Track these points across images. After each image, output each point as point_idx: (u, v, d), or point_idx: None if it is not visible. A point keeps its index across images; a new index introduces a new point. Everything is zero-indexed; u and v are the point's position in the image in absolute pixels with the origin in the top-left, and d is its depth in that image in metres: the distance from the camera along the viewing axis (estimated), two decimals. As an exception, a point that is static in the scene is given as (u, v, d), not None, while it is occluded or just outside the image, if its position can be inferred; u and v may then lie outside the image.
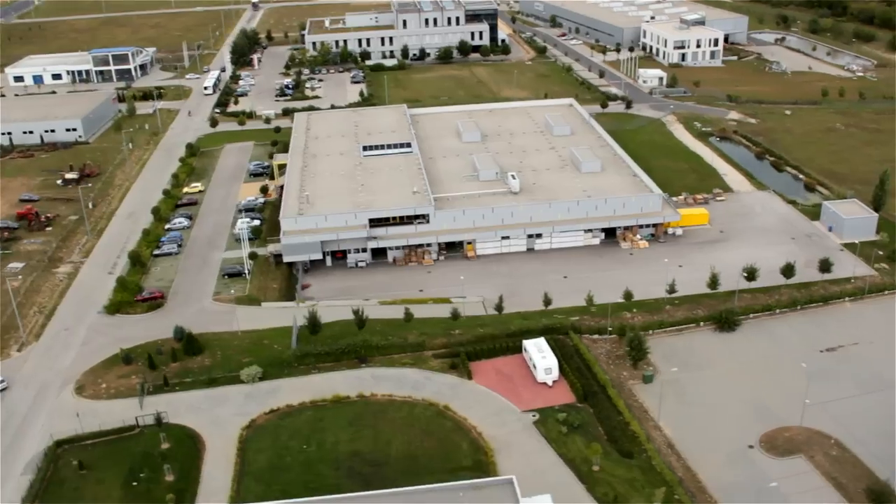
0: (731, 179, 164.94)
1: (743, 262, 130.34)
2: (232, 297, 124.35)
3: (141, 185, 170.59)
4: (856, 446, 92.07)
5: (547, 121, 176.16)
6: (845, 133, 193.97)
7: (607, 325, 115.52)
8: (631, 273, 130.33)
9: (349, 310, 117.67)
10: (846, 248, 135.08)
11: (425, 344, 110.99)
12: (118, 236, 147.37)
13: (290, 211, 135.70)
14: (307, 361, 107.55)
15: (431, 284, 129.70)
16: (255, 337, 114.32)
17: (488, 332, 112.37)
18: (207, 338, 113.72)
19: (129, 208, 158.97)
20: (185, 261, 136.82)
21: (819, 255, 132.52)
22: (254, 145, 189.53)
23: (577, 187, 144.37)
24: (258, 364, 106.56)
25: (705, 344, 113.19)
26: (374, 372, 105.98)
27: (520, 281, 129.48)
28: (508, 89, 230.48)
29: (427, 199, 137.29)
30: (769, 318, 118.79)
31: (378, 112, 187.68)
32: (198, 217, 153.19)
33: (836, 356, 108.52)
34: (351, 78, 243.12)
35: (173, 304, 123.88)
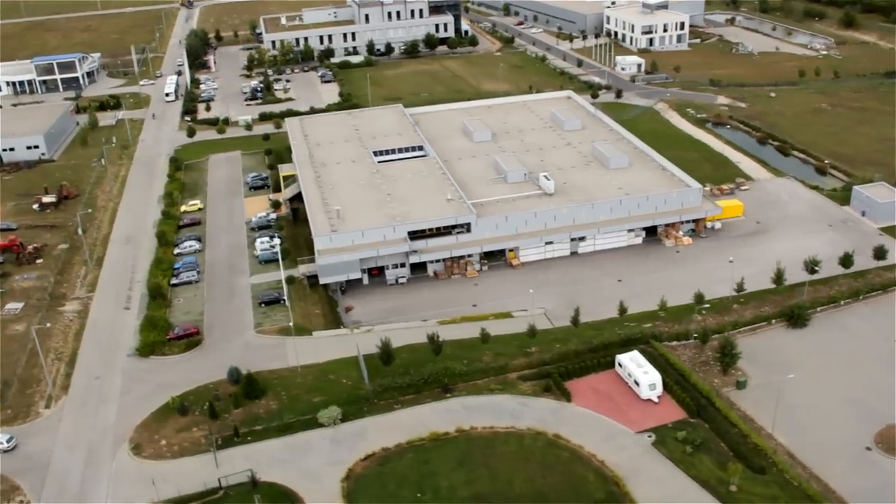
0: (746, 167, 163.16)
1: (789, 253, 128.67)
2: (277, 327, 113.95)
3: (128, 204, 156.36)
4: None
5: (555, 115, 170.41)
6: (834, 113, 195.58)
7: (688, 330, 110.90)
8: (685, 272, 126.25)
9: (412, 333, 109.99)
10: (885, 233, 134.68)
11: (508, 366, 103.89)
12: (122, 265, 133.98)
13: (321, 228, 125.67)
14: (387, 396, 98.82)
15: (483, 298, 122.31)
16: (318, 372, 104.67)
17: (570, 348, 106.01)
18: (264, 377, 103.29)
19: (124, 232, 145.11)
20: (209, 290, 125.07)
21: (859, 241, 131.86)
22: (241, 155, 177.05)
23: (611, 185, 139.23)
24: (332, 402, 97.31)
25: (782, 343, 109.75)
26: (462, 402, 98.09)
27: (574, 288, 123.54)
28: (488, 83, 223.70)
29: (467, 207, 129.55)
30: (835, 311, 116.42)
31: (375, 114, 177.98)
32: (206, 238, 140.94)
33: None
34: (320, 77, 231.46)
35: (212, 340, 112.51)
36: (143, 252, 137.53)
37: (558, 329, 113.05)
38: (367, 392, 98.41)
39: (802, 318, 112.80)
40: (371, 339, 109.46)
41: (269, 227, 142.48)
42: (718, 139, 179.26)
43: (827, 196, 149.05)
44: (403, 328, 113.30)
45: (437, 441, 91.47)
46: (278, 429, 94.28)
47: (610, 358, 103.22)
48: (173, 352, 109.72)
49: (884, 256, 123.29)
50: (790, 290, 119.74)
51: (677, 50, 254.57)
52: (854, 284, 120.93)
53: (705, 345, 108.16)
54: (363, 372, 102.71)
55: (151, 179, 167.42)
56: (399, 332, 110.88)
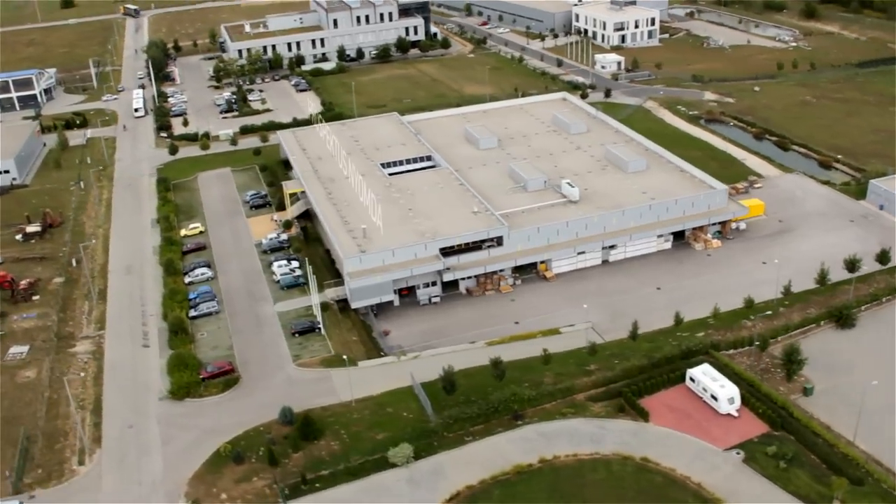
0: (752, 164, 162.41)
1: (818, 251, 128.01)
2: (318, 359, 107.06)
3: (119, 230, 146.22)
4: None
5: (558, 118, 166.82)
6: (820, 105, 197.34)
7: (742, 338, 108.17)
8: (722, 277, 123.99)
9: (462, 357, 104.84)
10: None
11: (574, 387, 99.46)
12: (128, 298, 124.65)
13: (349, 249, 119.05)
14: (456, 428, 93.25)
15: (523, 314, 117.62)
16: (374, 405, 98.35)
17: (633, 364, 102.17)
18: (317, 414, 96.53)
19: (122, 261, 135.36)
20: (232, 321, 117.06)
21: (884, 236, 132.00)
22: (232, 172, 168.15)
23: (633, 189, 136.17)
24: (398, 439, 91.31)
25: (835, 344, 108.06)
26: (536, 429, 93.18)
27: (614, 299, 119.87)
28: (469, 86, 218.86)
29: (496, 220, 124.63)
30: (878, 309, 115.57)
31: (370, 124, 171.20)
32: (216, 264, 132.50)
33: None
34: (294, 86, 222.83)
35: (249, 377, 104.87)
36: (149, 282, 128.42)
37: (611, 343, 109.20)
38: (436, 425, 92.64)
39: (850, 319, 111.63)
40: (421, 366, 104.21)
41: (283, 248, 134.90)
42: (717, 136, 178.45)
43: (840, 191, 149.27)
44: (450, 352, 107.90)
45: (522, 474, 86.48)
46: (348, 472, 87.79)
47: (679, 372, 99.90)
48: (210, 392, 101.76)
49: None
50: (831, 290, 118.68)
51: (649, 46, 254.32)
52: (891, 281, 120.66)
53: (763, 352, 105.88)
54: (425, 403, 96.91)
55: (139, 202, 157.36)
56: (448, 357, 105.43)
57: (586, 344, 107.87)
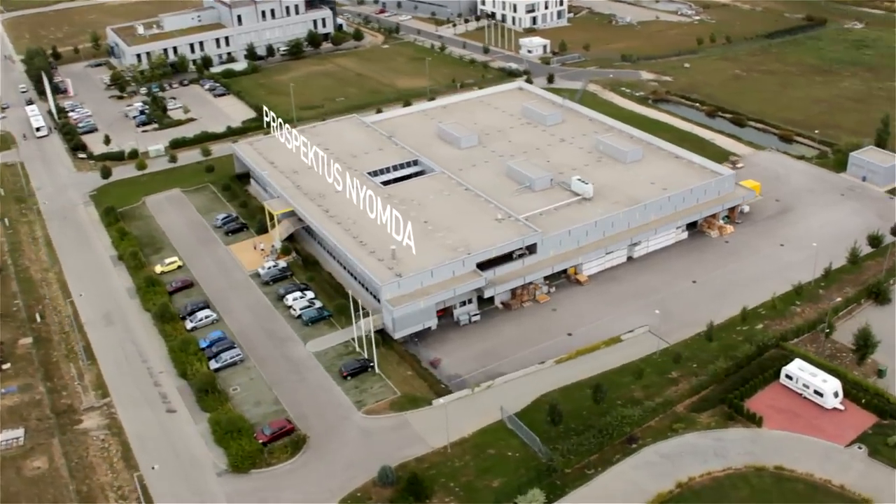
0: (723, 144, 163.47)
1: (827, 227, 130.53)
2: (385, 402, 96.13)
3: (75, 273, 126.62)
4: None
5: (530, 110, 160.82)
6: (751, 79, 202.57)
7: (798, 326, 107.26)
8: (750, 263, 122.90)
9: (537, 380, 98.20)
10: (894, 196, 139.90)
11: (672, 399, 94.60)
12: (123, 354, 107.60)
13: (384, 274, 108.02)
14: (574, 462, 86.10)
15: (572, 324, 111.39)
16: (472, 448, 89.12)
17: (719, 367, 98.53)
18: (411, 467, 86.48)
19: (95, 310, 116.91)
20: (264, 369, 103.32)
21: (878, 207, 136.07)
22: (183, 193, 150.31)
23: (641, 181, 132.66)
24: (519, 484, 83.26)
25: (881, 322, 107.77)
26: (655, 450, 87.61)
27: (656, 297, 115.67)
28: (400, 79, 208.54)
29: (528, 227, 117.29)
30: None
31: (332, 128, 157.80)
32: (213, 304, 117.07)
33: None
34: (209, 91, 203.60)
35: (315, 434, 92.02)
36: (140, 333, 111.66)
37: (678, 346, 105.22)
38: (557, 462, 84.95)
39: (886, 294, 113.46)
40: (500, 397, 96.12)
41: (286, 278, 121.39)
42: (674, 116, 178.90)
43: (818, 165, 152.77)
44: (522, 376, 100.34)
45: (666, 503, 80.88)
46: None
47: (771, 370, 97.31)
48: (278, 459, 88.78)
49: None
50: (858, 268, 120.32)
51: (559, 26, 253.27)
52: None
53: (828, 337, 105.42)
54: (529, 439, 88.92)
55: (84, 237, 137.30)
56: (523, 382, 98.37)
57: (655, 350, 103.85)
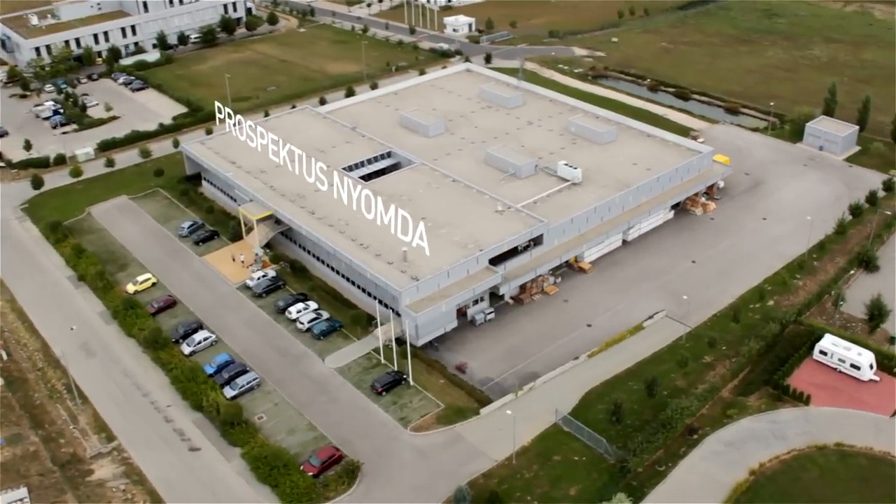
0: (677, 119, 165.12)
1: (803, 198, 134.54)
2: (431, 417, 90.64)
3: (31, 300, 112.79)
4: None
5: (488, 93, 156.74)
6: (679, 51, 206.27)
7: (809, 300, 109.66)
8: (741, 239, 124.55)
9: (574, 377, 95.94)
10: (853, 164, 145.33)
11: (717, 385, 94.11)
12: (115, 389, 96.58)
13: (399, 279, 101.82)
14: (644, 461, 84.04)
15: (588, 314, 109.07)
16: (536, 457, 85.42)
17: (751, 348, 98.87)
18: (481, 484, 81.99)
19: (67, 340, 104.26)
20: (286, 391, 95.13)
21: (842, 175, 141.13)
22: (132, 201, 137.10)
23: (622, 162, 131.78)
24: (599, 489, 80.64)
25: (879, 289, 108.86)
26: (717, 439, 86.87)
27: (664, 280, 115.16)
28: (330, 64, 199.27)
29: (532, 218, 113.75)
30: (888, 248, 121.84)
31: (287, 122, 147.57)
32: (205, 323, 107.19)
33: None
34: (126, 85, 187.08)
35: (368, 459, 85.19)
36: (130, 362, 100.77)
37: (702, 329, 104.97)
38: (631, 462, 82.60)
39: (874, 262, 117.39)
40: (546, 399, 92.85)
41: (279, 288, 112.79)
42: (619, 92, 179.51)
43: (773, 136, 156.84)
44: (559, 374, 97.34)
45: (746, 492, 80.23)
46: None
47: (804, 347, 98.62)
48: (336, 491, 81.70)
49: (892, 188, 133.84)
50: (844, 238, 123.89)
51: (475, 2, 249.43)
52: (881, 218, 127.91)
53: (838, 308, 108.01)
54: (593, 440, 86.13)
55: (29, 257, 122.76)
56: (564, 381, 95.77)
57: (679, 335, 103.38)
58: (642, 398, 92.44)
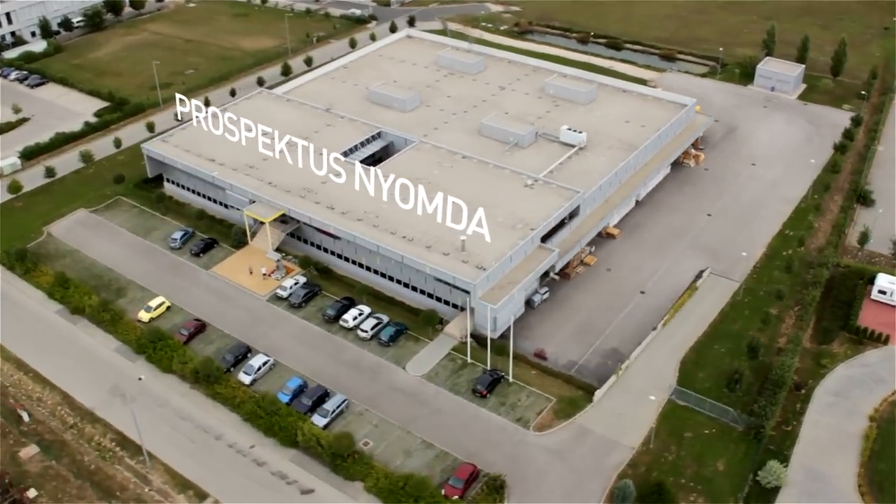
0: (625, 70, 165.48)
1: (779, 141, 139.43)
2: (549, 414, 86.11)
3: (26, 345, 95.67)
4: None
5: (447, 59, 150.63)
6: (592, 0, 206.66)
7: (834, 239, 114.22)
8: (741, 188, 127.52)
9: (661, 348, 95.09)
10: (806, 102, 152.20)
11: (798, 336, 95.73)
12: (180, 434, 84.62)
13: (470, 272, 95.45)
14: (771, 422, 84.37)
15: (636, 281, 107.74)
16: (668, 438, 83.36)
17: (812, 295, 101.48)
18: (632, 475, 79.30)
19: (93, 388, 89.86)
20: (380, 409, 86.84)
21: (802, 114, 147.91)
22: (93, 214, 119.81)
23: (613, 121, 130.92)
24: (740, 459, 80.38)
25: (878, 221, 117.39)
26: (824, 391, 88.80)
27: (692, 238, 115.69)
28: (243, 40, 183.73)
29: (568, 189, 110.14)
30: (874, 180, 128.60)
31: (249, 108, 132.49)
32: (252, 344, 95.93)
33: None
34: (21, 82, 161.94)
35: (502, 469, 79.93)
36: (179, 402, 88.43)
37: (750, 281, 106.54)
38: (766, 427, 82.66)
39: (868, 196, 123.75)
40: (644, 374, 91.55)
41: (317, 294, 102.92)
42: (557, 47, 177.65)
43: (723, 80, 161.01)
44: (646, 346, 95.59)
45: (877, 440, 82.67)
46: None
47: (854, 290, 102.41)
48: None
49: (860, 122, 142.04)
50: (835, 176, 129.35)
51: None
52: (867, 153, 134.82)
53: (863, 246, 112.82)
54: (717, 410, 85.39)
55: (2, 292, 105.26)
56: (652, 353, 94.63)
57: (735, 290, 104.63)
58: (734, 359, 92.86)
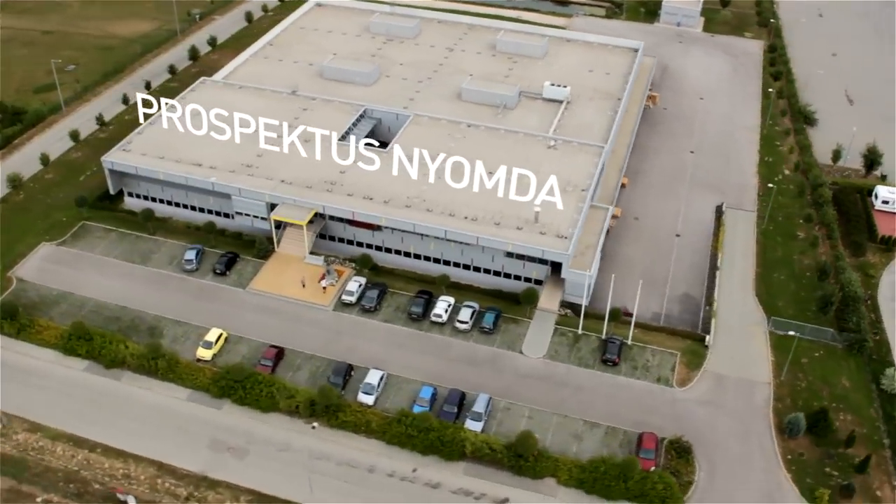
0: (532, 18, 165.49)
1: (713, 71, 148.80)
2: (683, 369, 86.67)
3: (74, 421, 79.41)
4: None
5: (381, 25, 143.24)
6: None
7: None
8: (704, 120, 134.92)
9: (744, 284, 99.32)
10: (713, 34, 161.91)
11: (831, 253, 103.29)
12: (340, 482, 74.52)
13: (554, 243, 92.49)
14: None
15: (667, 225, 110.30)
16: (792, 366, 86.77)
17: (831, 214, 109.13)
18: (784, 411, 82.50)
19: (190, 449, 77.37)
20: (522, 399, 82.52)
21: (714, 45, 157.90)
22: (59, 247, 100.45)
23: (579, 71, 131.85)
24: (855, 377, 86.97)
25: (823, 137, 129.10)
26: (882, 298, 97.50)
27: (691, 175, 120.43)
28: (117, 26, 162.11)
29: (591, 146, 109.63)
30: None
31: (207, 101, 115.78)
32: (357, 372, 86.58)
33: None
34: None
35: (670, 431, 79.74)
36: (307, 441, 78.13)
37: (764, 210, 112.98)
38: (868, 340, 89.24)
39: (811, 116, 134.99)
40: (730, 310, 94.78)
41: (385, 293, 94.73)
42: (456, 2, 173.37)
43: (629, 20, 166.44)
44: (718, 287, 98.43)
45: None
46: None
47: (857, 204, 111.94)
48: (689, 472, 75.79)
49: (775, 50, 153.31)
50: (780, 102, 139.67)
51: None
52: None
53: (836, 162, 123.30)
54: (818, 333, 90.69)
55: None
56: (728, 292, 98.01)
57: (757, 221, 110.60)
58: (798, 283, 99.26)
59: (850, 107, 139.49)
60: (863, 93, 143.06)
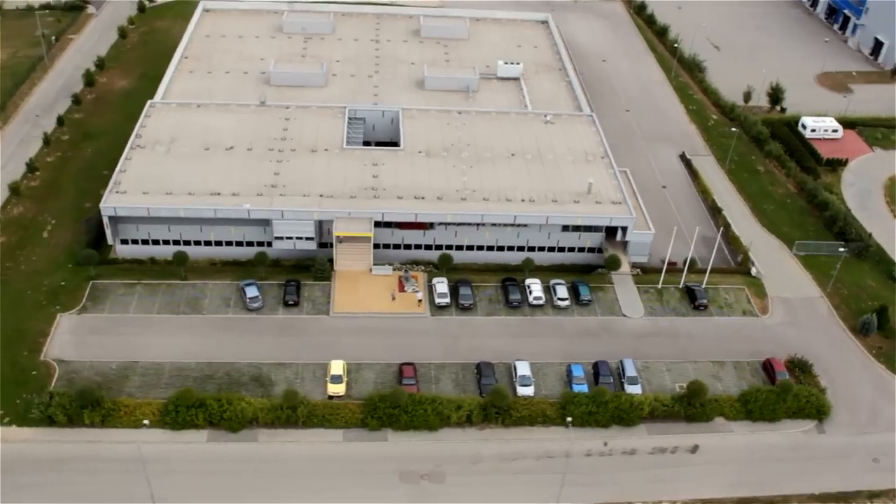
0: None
1: (604, 36, 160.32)
2: (757, 300, 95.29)
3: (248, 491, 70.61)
4: None
5: (294, 24, 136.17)
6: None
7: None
8: (623, 81, 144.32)
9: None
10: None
11: (805, 179, 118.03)
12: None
13: (614, 210, 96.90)
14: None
15: (648, 178, 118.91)
16: (828, 280, 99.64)
17: (779, 147, 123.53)
18: (851, 316, 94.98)
19: (389, 494, 72.24)
20: (657, 356, 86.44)
21: (594, 13, 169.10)
22: (78, 315, 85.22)
23: (509, 49, 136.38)
24: (883, 279, 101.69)
25: (726, 77, 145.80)
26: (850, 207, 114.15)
27: (642, 132, 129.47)
28: None
29: (584, 116, 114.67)
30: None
31: (175, 124, 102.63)
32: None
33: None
34: None
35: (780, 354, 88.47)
36: (492, 449, 76.37)
37: (721, 151, 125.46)
38: (871, 248, 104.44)
39: (702, 64, 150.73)
40: (755, 246, 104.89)
41: (469, 284, 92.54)
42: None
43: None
44: (733, 226, 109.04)
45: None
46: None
47: (792, 135, 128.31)
48: (818, 384, 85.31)
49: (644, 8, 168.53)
50: (668, 54, 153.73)
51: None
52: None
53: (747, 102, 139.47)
54: (831, 248, 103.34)
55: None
56: (744, 230, 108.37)
57: (722, 161, 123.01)
58: (791, 210, 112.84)
59: (719, 52, 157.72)
60: (720, 38, 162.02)
